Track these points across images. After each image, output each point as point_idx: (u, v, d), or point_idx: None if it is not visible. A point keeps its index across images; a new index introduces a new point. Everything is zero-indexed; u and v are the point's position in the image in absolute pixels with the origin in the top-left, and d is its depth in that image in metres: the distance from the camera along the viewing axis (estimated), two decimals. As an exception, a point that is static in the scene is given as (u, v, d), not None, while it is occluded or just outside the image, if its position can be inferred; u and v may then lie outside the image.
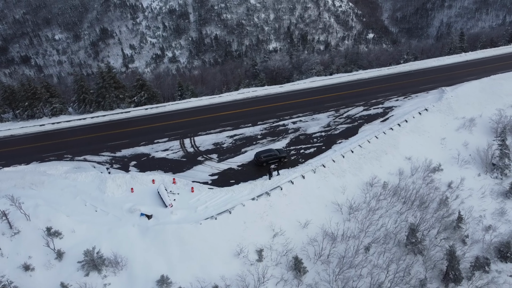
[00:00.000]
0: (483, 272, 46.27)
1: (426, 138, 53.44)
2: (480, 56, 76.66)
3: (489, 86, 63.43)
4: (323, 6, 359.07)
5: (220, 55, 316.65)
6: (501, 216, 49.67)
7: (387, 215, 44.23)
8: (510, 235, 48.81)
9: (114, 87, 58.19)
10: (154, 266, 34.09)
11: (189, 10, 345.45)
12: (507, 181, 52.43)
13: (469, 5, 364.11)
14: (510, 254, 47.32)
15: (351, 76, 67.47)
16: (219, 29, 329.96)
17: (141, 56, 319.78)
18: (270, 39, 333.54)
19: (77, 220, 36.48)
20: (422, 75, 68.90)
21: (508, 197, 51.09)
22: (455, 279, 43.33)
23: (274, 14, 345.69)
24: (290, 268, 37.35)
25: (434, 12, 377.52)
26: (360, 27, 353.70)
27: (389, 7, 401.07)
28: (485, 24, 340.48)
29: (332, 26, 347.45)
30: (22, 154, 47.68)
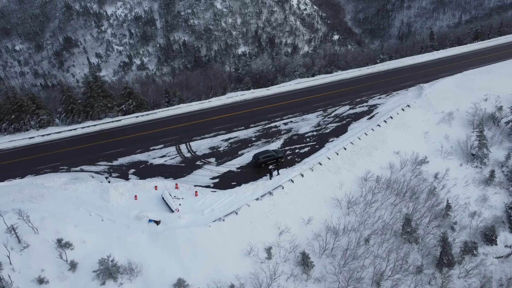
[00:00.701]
0: (472, 256, 49.34)
1: (410, 133, 56.27)
2: (451, 54, 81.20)
3: (463, 82, 67.46)
4: (288, 10, 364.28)
5: (189, 61, 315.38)
6: (484, 202, 53.08)
7: (382, 208, 46.38)
8: (493, 220, 52.30)
9: (102, 96, 57.72)
10: (168, 270, 34.44)
11: (155, 17, 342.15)
12: (486, 169, 56.03)
13: (426, 6, 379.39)
14: (494, 237, 50.70)
15: (333, 77, 69.84)
16: (187, 35, 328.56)
17: (108, 64, 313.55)
18: (238, 43, 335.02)
19: (86, 230, 36.27)
20: (400, 73, 72.31)
21: (488, 184, 54.62)
22: (448, 263, 45.99)
23: (241, 18, 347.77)
24: (298, 264, 38.58)
25: (394, 13, 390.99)
26: (326, 29, 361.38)
27: (351, 9, 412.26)
28: (443, 23, 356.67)
29: (299, 29, 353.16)
30: (14, 168, 46.59)
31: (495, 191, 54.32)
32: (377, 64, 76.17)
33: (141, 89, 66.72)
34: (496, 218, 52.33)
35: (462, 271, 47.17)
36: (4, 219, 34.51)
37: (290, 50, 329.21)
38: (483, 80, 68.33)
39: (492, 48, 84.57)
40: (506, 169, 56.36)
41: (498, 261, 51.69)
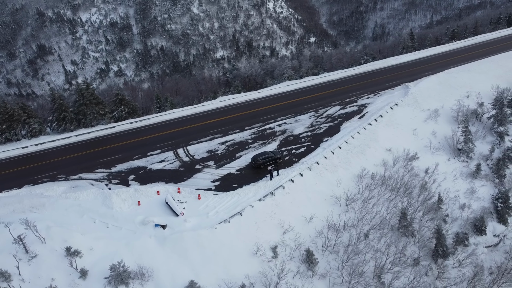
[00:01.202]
0: (463, 246, 51.43)
1: (400, 131, 58.21)
2: (431, 53, 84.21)
3: (445, 80, 70.19)
4: (265, 13, 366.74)
5: (167, 66, 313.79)
6: (472, 194, 55.40)
7: (379, 203, 47.89)
8: (482, 211, 54.66)
9: (94, 103, 57.32)
10: (179, 273, 34.74)
11: (131, 22, 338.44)
12: (472, 163, 58.48)
13: (399, 7, 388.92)
14: (484, 228, 52.97)
15: (321, 78, 71.37)
16: (165, 40, 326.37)
17: (85, 71, 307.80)
18: (216, 48, 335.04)
19: (93, 238, 36.17)
20: (385, 73, 74.53)
21: (475, 177, 57.03)
22: (443, 254, 47.86)
23: (218, 22, 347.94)
24: (303, 261, 39.50)
25: (368, 15, 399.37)
26: (302, 31, 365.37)
27: (326, 11, 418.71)
28: (415, 24, 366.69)
29: (276, 32, 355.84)
30: (10, 178, 45.81)
31: (482, 184, 56.80)
32: (363, 65, 78.26)
33: (132, 95, 66.41)
34: (484, 209, 54.73)
35: (456, 261, 49.13)
36: (10, 229, 34.03)
37: (268, 53, 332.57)
38: (464, 78, 71.30)
39: (469, 47, 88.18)
40: (491, 162, 58.98)
41: (487, 250, 54.08)
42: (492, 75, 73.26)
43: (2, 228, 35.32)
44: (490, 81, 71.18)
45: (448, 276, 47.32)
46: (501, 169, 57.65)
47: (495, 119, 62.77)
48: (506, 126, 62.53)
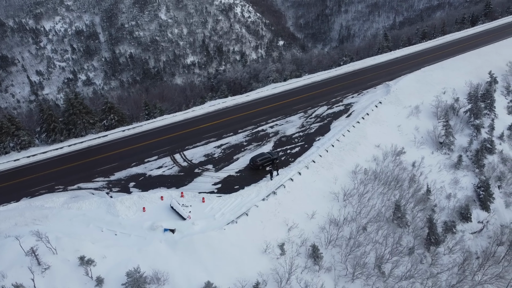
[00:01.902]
0: (452, 234, 54.34)
1: (386, 127, 60.82)
2: (406, 53, 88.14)
3: (422, 78, 73.81)
4: (233, 18, 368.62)
5: (138, 73, 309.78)
6: (456, 184, 58.65)
7: (373, 197, 49.98)
8: (466, 199, 57.95)
9: (84, 112, 56.72)
10: (193, 275, 35.25)
11: (98, 30, 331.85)
12: (454, 155, 61.88)
13: (362, 9, 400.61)
14: (469, 215, 56.17)
15: (305, 80, 73.34)
16: (133, 47, 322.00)
17: (51, 81, 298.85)
18: (186, 53, 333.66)
19: (104, 246, 36.12)
20: (365, 73, 77.44)
21: (457, 168, 60.36)
22: (436, 242, 50.49)
23: (187, 28, 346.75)
24: (310, 256, 40.80)
25: (333, 17, 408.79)
26: (270, 35, 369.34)
27: (292, 15, 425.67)
28: (379, 25, 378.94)
29: (245, 36, 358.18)
30: (6, 192, 44.74)
31: (464, 174, 60.22)
32: (343, 65, 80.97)
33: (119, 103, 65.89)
34: (468, 197, 58.06)
35: (446, 248, 51.96)
36: (20, 242, 33.57)
37: (238, 58, 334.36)
38: (439, 75, 75.20)
39: (440, 46, 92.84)
40: (470, 153, 62.58)
41: (473, 236, 57.37)
42: (464, 71, 77.66)
43: (10, 242, 34.76)
44: (463, 77, 75.46)
45: (441, 262, 49.99)
46: (480, 159, 61.32)
47: (471, 113, 66.66)
48: (481, 119, 66.50)
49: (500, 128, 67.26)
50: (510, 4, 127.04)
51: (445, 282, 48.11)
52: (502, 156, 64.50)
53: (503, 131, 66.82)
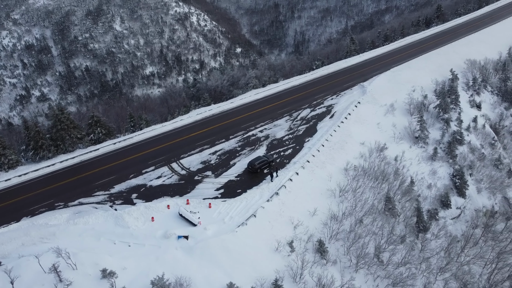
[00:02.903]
0: (435, 220, 58.52)
1: (367, 125, 64.37)
2: (373, 55, 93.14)
3: (393, 77, 78.62)
4: (190, 27, 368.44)
5: (95, 87, 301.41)
6: (434, 175, 63.10)
7: (366, 191, 52.97)
8: (445, 188, 62.53)
9: (72, 127, 55.80)
10: (214, 278, 36.14)
11: (50, 44, 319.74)
12: (429, 148, 66.50)
13: (315, 15, 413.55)
14: (449, 202, 60.65)
15: (284, 85, 75.86)
16: (89, 60, 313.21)
17: (2, 99, 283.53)
18: (145, 64, 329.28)
19: (121, 258, 36.22)
20: (339, 76, 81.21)
21: (434, 160, 64.94)
22: (424, 229, 54.28)
23: (143, 39, 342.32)
24: (316, 251, 42.84)
25: (287, 23, 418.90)
26: (228, 43, 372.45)
27: (246, 22, 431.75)
28: (332, 30, 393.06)
29: (202, 45, 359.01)
30: (4, 213, 43.31)
31: (440, 165, 64.89)
32: (316, 69, 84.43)
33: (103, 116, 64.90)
34: (446, 186, 62.70)
35: (432, 234, 55.95)
36: (39, 260, 33.11)
37: (197, 66, 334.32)
38: (407, 75, 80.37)
39: (403, 48, 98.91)
40: (443, 145, 67.47)
41: (453, 221, 61.95)
42: (428, 70, 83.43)
43: (26, 261, 34.13)
44: (428, 75, 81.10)
45: (430, 247, 53.77)
46: (452, 150, 66.31)
47: (440, 108, 71.86)
48: (449, 113, 71.85)
49: (466, 121, 72.96)
50: (457, 7, 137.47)
51: (435, 265, 51.90)
52: (470, 146, 70.07)
53: (469, 123, 72.59)
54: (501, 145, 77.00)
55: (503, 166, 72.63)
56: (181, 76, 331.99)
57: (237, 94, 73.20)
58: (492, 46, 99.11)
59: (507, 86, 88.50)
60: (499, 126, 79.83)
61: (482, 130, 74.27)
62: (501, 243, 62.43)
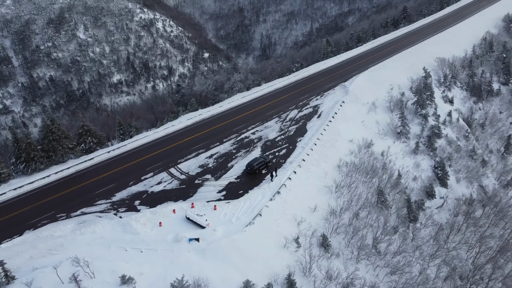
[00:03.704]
0: (422, 211, 61.70)
1: (353, 123, 67.00)
2: (350, 56, 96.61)
3: (371, 77, 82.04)
4: (156, 33, 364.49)
5: (61, 97, 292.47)
6: (418, 167, 66.50)
7: (359, 186, 55.33)
8: (428, 179, 65.99)
9: (63, 137, 54.98)
10: (229, 278, 37.02)
11: (10, 54, 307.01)
12: (411, 142, 69.98)
13: (280, 18, 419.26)
14: (433, 193, 64.08)
15: (269, 88, 77.52)
16: (53, 70, 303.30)
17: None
18: (112, 72, 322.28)
19: (136, 263, 36.44)
20: (321, 77, 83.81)
21: (416, 153, 68.42)
22: (414, 219, 57.25)
23: (109, 46, 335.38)
24: (320, 245, 44.60)
25: (253, 27, 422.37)
26: (195, 48, 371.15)
27: (211, 27, 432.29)
28: (298, 33, 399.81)
29: (169, 51, 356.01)
30: (4, 227, 42.25)
31: (422, 158, 68.45)
32: (299, 71, 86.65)
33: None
34: (429, 178, 66.22)
35: (420, 224, 59.03)
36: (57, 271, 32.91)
37: (166, 72, 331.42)
38: (384, 74, 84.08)
39: (377, 48, 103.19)
40: (423, 139, 71.20)
41: (437, 210, 65.44)
42: (402, 69, 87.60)
43: (41, 273, 33.82)
44: (403, 74, 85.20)
45: (420, 236, 56.77)
46: (432, 143, 70.10)
47: (417, 104, 75.75)
48: (426, 109, 75.85)
49: (442, 115, 77.22)
50: (421, 8, 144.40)
51: (426, 252, 54.91)
52: (447, 139, 74.24)
53: (445, 118, 76.87)
54: (474, 137, 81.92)
55: (477, 156, 77.35)
56: (150, 83, 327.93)
57: (223, 98, 74.11)
58: (458, 44, 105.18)
59: (474, 81, 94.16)
60: (471, 119, 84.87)
61: (456, 123, 78.84)
62: (481, 229, 66.73)
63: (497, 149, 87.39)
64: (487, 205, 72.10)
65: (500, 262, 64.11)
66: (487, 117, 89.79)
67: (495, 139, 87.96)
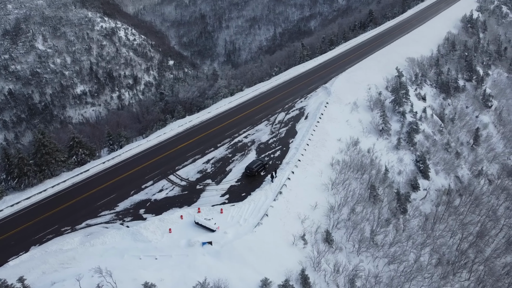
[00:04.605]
0: (409, 202, 64.98)
1: (338, 123, 69.64)
2: (326, 59, 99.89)
3: (350, 78, 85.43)
4: (118, 42, 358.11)
5: (22, 111, 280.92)
6: (401, 162, 69.96)
7: (352, 182, 57.72)
8: (412, 173, 69.56)
9: (56, 150, 53.94)
10: (246, 277, 38.04)
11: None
12: (393, 138, 73.48)
13: (243, 24, 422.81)
14: (417, 185, 67.60)
15: (253, 92, 78.94)
16: (11, 83, 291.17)
17: None
18: (75, 83, 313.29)
19: (154, 270, 36.75)
20: (301, 80, 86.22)
21: (398, 149, 71.93)
22: (404, 210, 60.31)
23: (70, 57, 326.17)
24: (325, 241, 46.46)
25: (216, 34, 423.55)
26: (159, 56, 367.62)
27: (173, 35, 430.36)
28: (262, 38, 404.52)
29: (133, 59, 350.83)
30: (8, 245, 41.16)
31: (404, 153, 72.05)
32: (280, 75, 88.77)
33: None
34: (412, 171, 69.83)
35: (408, 215, 62.26)
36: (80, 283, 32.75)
37: (131, 82, 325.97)
38: (361, 75, 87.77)
39: (350, 50, 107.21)
40: (403, 135, 74.98)
41: (421, 201, 69.05)
42: (377, 69, 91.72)
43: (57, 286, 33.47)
44: (378, 74, 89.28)
45: (410, 226, 59.93)
46: (412, 139, 73.95)
47: (395, 102, 79.66)
48: (403, 107, 79.91)
49: (417, 112, 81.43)
50: (384, 11, 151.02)
51: (418, 241, 57.99)
52: (425, 134, 78.51)
53: (421, 114, 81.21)
54: (447, 131, 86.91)
55: (451, 149, 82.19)
56: (115, 92, 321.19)
57: (209, 104, 74.85)
58: (424, 44, 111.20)
59: (442, 79, 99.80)
60: (443, 115, 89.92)
61: (431, 119, 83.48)
62: (461, 216, 71.09)
63: (466, 142, 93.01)
64: (463, 194, 76.92)
65: (480, 246, 68.60)
66: (456, 112, 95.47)
67: (464, 132, 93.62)
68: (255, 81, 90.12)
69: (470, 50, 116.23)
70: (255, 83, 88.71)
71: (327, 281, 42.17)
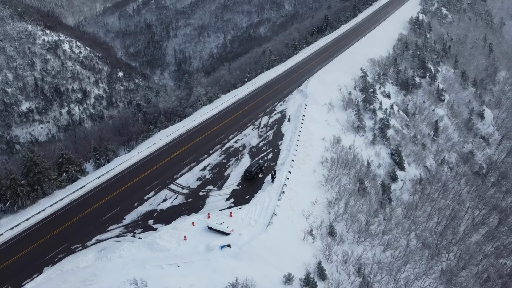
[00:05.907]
0: (389, 193, 69.48)
1: (319, 123, 73.02)
2: (295, 63, 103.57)
3: (321, 80, 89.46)
4: (63, 55, 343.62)
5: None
6: (379, 156, 74.65)
7: (342, 178, 61.02)
8: (389, 165, 74.40)
9: (47, 168, 52.26)
10: (270, 274, 39.74)
11: None
12: (368, 135, 78.16)
13: (191, 32, 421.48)
14: (396, 177, 72.43)
15: (232, 98, 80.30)
16: None
17: None
18: (19, 100, 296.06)
19: (182, 277, 37.32)
20: (275, 84, 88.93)
21: (374, 144, 76.68)
22: (389, 201, 64.55)
23: (12, 73, 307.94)
24: (329, 234, 49.14)
25: (164, 43, 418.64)
26: (108, 68, 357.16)
27: (119, 45, 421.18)
28: (212, 45, 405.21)
29: (81, 72, 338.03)
30: (18, 269, 39.61)
31: (380, 147, 76.92)
32: (251, 81, 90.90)
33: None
34: (390, 164, 74.72)
35: (393, 205, 66.69)
36: (116, 296, 32.65)
37: (80, 96, 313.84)
38: (330, 76, 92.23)
39: (316, 54, 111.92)
40: (377, 131, 79.92)
41: (400, 192, 74.01)
42: (344, 70, 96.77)
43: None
44: (345, 75, 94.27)
45: (395, 215, 64.26)
46: (385, 134, 79.06)
47: (365, 101, 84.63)
48: (373, 104, 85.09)
49: (387, 109, 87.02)
50: (338, 16, 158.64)
51: (405, 228, 62.35)
52: (395, 129, 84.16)
53: (389, 111, 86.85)
54: (412, 125, 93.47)
55: (418, 141, 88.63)
56: (64, 108, 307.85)
57: (190, 112, 75.28)
58: (381, 46, 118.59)
59: (400, 77, 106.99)
60: (406, 110, 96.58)
61: (398, 114, 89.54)
62: (433, 202, 77.04)
63: (428, 134, 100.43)
64: (432, 182, 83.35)
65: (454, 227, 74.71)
66: (416, 107, 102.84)
67: (425, 125, 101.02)
68: (228, 88, 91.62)
69: (421, 49, 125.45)
70: (229, 90, 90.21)
71: (338, 271, 44.76)
